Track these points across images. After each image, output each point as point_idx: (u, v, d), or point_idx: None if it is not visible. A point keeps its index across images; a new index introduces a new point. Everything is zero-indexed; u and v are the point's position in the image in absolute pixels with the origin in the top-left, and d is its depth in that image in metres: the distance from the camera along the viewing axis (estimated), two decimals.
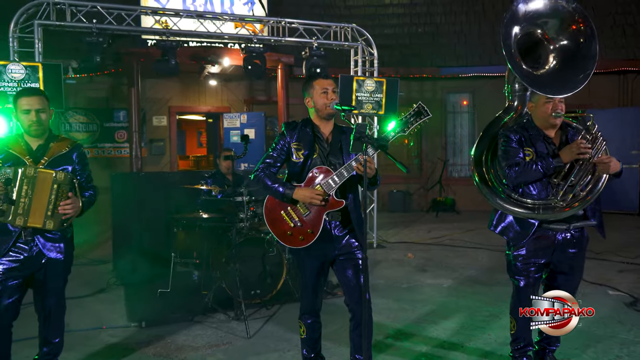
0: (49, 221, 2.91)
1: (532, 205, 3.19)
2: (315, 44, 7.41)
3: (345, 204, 2.98)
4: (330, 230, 3.04)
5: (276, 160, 3.08)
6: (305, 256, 3.10)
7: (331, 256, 3.08)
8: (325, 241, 3.02)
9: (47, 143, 3.02)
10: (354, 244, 3.09)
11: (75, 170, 3.11)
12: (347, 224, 3.07)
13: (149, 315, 4.66)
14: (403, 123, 2.98)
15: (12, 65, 5.90)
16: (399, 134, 2.99)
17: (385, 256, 7.25)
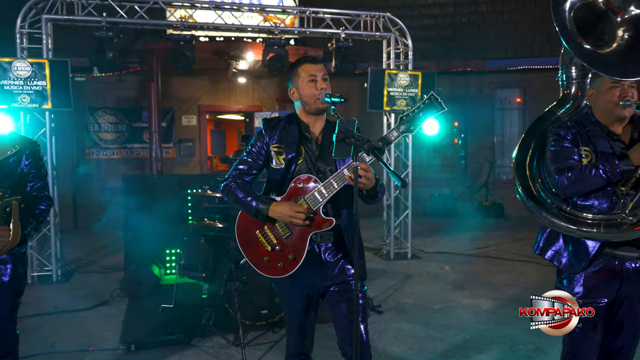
0: None
1: (591, 221, 2.44)
2: (343, 35, 6.78)
3: (336, 223, 2.34)
4: (320, 254, 2.42)
5: (251, 167, 2.48)
6: (289, 287, 2.49)
7: (321, 287, 2.46)
8: (314, 268, 2.41)
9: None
10: (350, 271, 2.46)
11: (25, 176, 2.63)
12: (341, 247, 2.44)
13: (142, 337, 4.18)
14: (410, 119, 2.31)
15: (18, 63, 5.60)
16: (404, 133, 2.33)
17: (419, 269, 6.52)
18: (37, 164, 2.69)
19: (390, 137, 2.32)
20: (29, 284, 5.88)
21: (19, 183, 2.60)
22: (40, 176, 2.71)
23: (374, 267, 6.63)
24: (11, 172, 2.57)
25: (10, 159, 2.54)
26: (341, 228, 2.41)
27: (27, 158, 2.63)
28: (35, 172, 2.67)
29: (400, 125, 2.32)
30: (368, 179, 2.22)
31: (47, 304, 5.16)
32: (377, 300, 5.14)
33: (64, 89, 5.73)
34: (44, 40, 5.83)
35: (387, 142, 2.31)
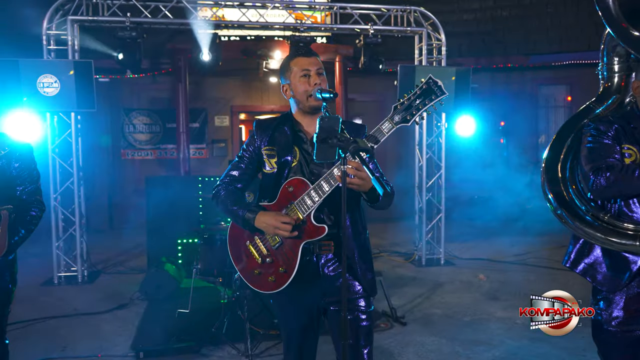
0: None
1: (633, 232, 2.11)
2: (372, 31, 6.49)
3: (330, 231, 2.09)
4: (319, 267, 2.18)
5: (243, 173, 2.27)
6: (286, 304, 2.27)
7: (321, 303, 2.22)
8: (312, 283, 2.17)
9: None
10: (356, 288, 2.20)
11: (14, 179, 2.51)
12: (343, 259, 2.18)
13: (154, 343, 4.06)
14: (405, 107, 2.03)
15: (44, 79, 5.59)
16: (398, 124, 2.05)
17: (451, 276, 6.16)
18: (29, 167, 2.58)
19: (382, 132, 2.04)
20: (55, 285, 5.92)
21: (8, 186, 2.51)
22: (31, 180, 2.60)
23: (403, 274, 6.32)
24: (1, 174, 2.46)
25: (1, 161, 2.44)
26: (340, 238, 2.16)
27: (17, 161, 2.53)
28: (25, 176, 2.57)
29: (394, 115, 2.04)
30: (362, 178, 1.97)
31: (67, 305, 5.14)
32: (403, 310, 4.84)
33: (88, 90, 5.72)
34: (69, 42, 5.84)
35: (377, 141, 2.03)
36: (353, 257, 2.18)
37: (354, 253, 2.18)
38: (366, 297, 2.22)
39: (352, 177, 1.94)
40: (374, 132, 2.04)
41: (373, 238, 2.30)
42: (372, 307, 2.25)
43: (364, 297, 2.21)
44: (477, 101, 8.06)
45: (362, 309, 2.19)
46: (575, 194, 2.45)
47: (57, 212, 6.04)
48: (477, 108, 7.20)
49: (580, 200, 2.37)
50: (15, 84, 5.57)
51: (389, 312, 4.66)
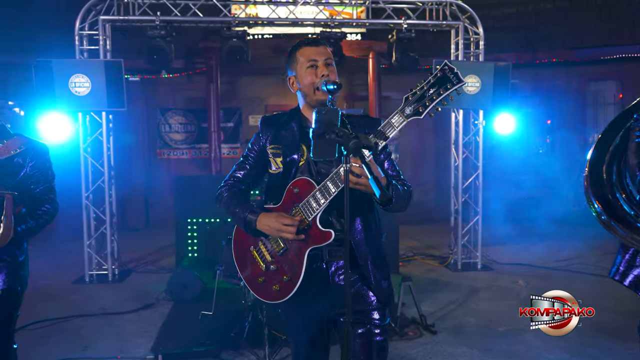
0: None
1: None
2: (405, 25, 6.25)
3: (337, 236, 1.91)
4: (328, 275, 2.01)
5: (248, 174, 2.13)
6: (294, 313, 2.10)
7: (331, 314, 2.04)
8: (321, 292, 2.00)
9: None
10: (369, 298, 2.01)
11: (28, 178, 2.45)
12: (355, 267, 2.00)
13: (174, 345, 3.99)
14: (417, 98, 1.83)
15: (76, 78, 5.64)
16: (410, 117, 1.85)
17: (488, 282, 5.85)
18: (43, 166, 2.52)
19: (392, 126, 1.84)
20: (86, 283, 5.97)
21: (21, 184, 2.44)
22: (45, 179, 2.53)
23: (437, 278, 6.06)
24: (14, 172, 2.42)
25: (14, 159, 2.41)
26: (352, 243, 1.98)
27: (32, 159, 2.48)
28: (39, 175, 2.50)
29: (405, 107, 1.85)
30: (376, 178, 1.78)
31: (94, 304, 5.15)
32: (434, 318, 4.60)
33: (119, 89, 5.73)
34: (100, 42, 5.88)
35: (385, 137, 1.84)
36: (366, 264, 2.00)
37: (367, 260, 2.00)
38: (381, 309, 2.03)
39: (359, 177, 1.76)
40: (383, 127, 1.85)
41: (407, 240, 2.12)
42: (387, 320, 2.06)
43: (378, 309, 2.02)
44: (519, 98, 7.69)
45: (375, 322, 2.01)
46: (623, 198, 2.18)
47: (89, 210, 6.09)
48: (519, 105, 6.85)
49: (629, 205, 2.11)
50: (49, 84, 5.64)
51: (418, 320, 4.43)
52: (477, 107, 6.28)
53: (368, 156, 1.81)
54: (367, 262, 2.00)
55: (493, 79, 6.13)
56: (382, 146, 1.88)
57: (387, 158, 2.09)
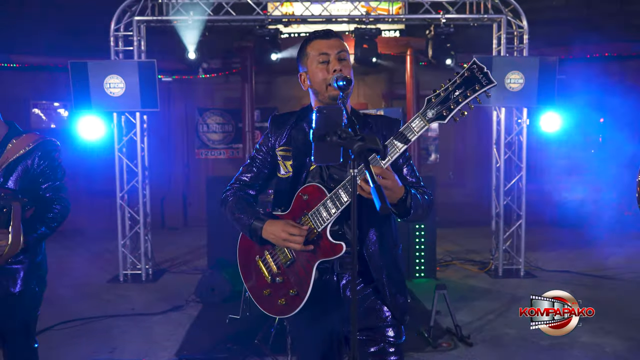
0: None
1: None
2: (444, 20, 5.98)
3: (348, 249, 1.75)
4: (340, 289, 1.84)
5: (255, 178, 1.99)
6: (303, 329, 1.95)
7: (343, 331, 1.88)
8: (333, 307, 1.84)
9: (3, 144, 2.36)
10: (384, 314, 1.85)
11: (38, 177, 2.38)
12: (369, 280, 1.84)
13: (197, 350, 3.92)
14: (442, 101, 1.64)
15: (111, 79, 5.69)
16: (432, 121, 1.66)
17: (531, 290, 5.43)
18: (52, 164, 2.44)
19: (413, 130, 1.66)
20: (120, 282, 6.01)
21: (31, 182, 2.38)
22: (55, 177, 2.45)
23: (476, 285, 5.77)
24: (24, 172, 2.36)
25: (24, 159, 2.35)
26: (365, 255, 1.80)
27: (41, 158, 2.40)
28: (49, 173, 2.42)
29: (428, 109, 1.66)
30: (387, 188, 1.60)
31: (126, 304, 5.17)
32: (470, 329, 4.35)
33: (152, 90, 5.73)
34: (134, 43, 5.90)
35: (407, 140, 1.65)
36: (380, 277, 1.82)
37: (382, 273, 1.83)
38: (396, 326, 1.85)
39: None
40: (404, 130, 1.67)
41: (447, 243, 1.95)
42: (402, 339, 1.88)
43: (393, 326, 1.84)
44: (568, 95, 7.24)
45: (390, 340, 1.83)
46: None
47: (124, 210, 6.14)
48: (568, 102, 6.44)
49: None
50: (85, 85, 5.70)
51: (453, 330, 4.19)
52: (520, 104, 5.94)
53: (387, 163, 1.64)
54: (381, 275, 1.82)
55: (538, 74, 5.78)
56: (401, 151, 1.70)
57: (406, 163, 1.90)
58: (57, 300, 5.14)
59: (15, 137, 2.40)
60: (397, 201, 1.68)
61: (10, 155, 2.34)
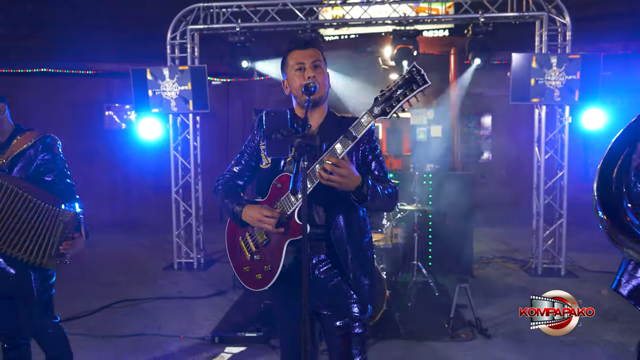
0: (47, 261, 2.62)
1: None
2: (482, 19, 6.02)
3: (321, 231, 2.00)
4: (310, 269, 2.10)
5: (244, 169, 2.27)
6: (281, 306, 2.23)
7: (313, 307, 2.13)
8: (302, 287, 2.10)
9: (9, 140, 2.75)
10: (350, 293, 2.08)
11: (40, 167, 2.74)
12: (335, 262, 2.08)
13: (230, 330, 4.30)
14: (386, 99, 1.84)
15: (166, 71, 6.25)
16: (377, 117, 1.86)
17: (568, 289, 5.37)
18: (53, 155, 2.78)
19: (362, 125, 1.86)
20: (174, 270, 6.56)
21: (35, 174, 2.73)
22: (55, 167, 2.78)
23: (512, 283, 5.78)
24: (27, 164, 2.72)
25: (27, 151, 2.71)
26: (332, 239, 2.05)
27: (43, 151, 2.76)
28: (51, 166, 2.77)
29: (374, 107, 1.86)
30: (343, 176, 1.84)
31: (175, 288, 5.67)
32: (494, 322, 4.44)
33: (202, 92, 6.23)
34: (188, 49, 6.42)
35: (353, 137, 1.86)
36: (346, 260, 2.06)
37: (347, 256, 2.06)
38: (361, 303, 2.08)
39: (331, 174, 1.83)
40: (353, 127, 1.88)
41: (493, 242, 2.15)
42: (367, 314, 2.11)
43: (357, 303, 2.07)
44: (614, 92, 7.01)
45: (354, 315, 2.07)
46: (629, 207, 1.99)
47: (178, 204, 6.69)
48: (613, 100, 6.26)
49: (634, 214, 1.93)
50: (144, 89, 6.29)
51: (474, 322, 4.31)
52: (562, 102, 5.87)
53: (342, 153, 1.88)
54: (347, 258, 2.05)
55: (580, 72, 5.70)
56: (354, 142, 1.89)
57: (375, 159, 2.12)
58: (117, 283, 5.76)
59: (19, 134, 2.78)
60: (355, 188, 1.91)
61: (15, 149, 2.72)
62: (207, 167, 6.89)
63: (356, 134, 1.86)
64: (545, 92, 5.80)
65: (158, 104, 6.31)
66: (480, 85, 9.03)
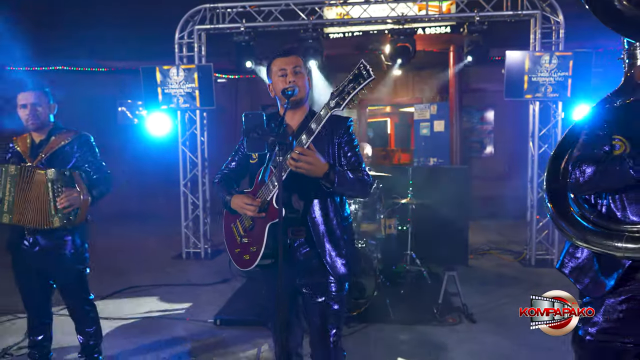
0: (55, 219, 2.89)
1: (616, 231, 1.89)
2: (477, 18, 6.22)
3: (298, 216, 2.26)
4: (293, 251, 2.38)
5: (238, 165, 2.54)
6: (267, 283, 2.50)
7: (297, 285, 2.41)
8: (288, 265, 2.37)
9: (48, 137, 3.03)
10: (327, 273, 2.35)
11: (79, 161, 3.04)
12: (312, 244, 2.35)
13: (231, 314, 4.60)
14: (339, 93, 2.09)
15: (175, 69, 6.56)
16: (332, 109, 2.10)
17: (557, 279, 5.52)
18: (90, 150, 3.10)
19: (320, 118, 2.09)
20: (182, 259, 6.89)
21: (75, 167, 3.03)
22: (94, 159, 3.10)
23: (505, 273, 6.01)
24: (67, 159, 3.02)
25: (65, 148, 3.02)
26: (309, 223, 2.32)
27: (80, 147, 3.07)
28: (90, 159, 3.08)
29: (330, 100, 2.10)
30: (309, 163, 2.10)
31: (183, 276, 6.00)
32: (482, 309, 4.68)
33: (209, 90, 6.52)
34: (195, 49, 6.71)
35: (311, 131, 2.11)
36: (322, 242, 2.31)
37: (323, 239, 2.32)
38: (338, 281, 2.34)
39: (298, 162, 2.09)
40: (314, 119, 2.11)
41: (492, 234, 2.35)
42: (344, 292, 2.37)
43: (335, 282, 2.34)
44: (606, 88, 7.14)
45: (332, 292, 2.33)
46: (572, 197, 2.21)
47: (186, 196, 7.00)
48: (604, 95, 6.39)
49: (576, 204, 2.16)
50: (154, 87, 6.60)
51: (462, 308, 4.56)
52: (555, 98, 6.06)
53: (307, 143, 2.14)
54: (323, 240, 2.31)
55: (572, 68, 5.88)
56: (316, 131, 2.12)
57: (351, 149, 2.38)
58: (128, 271, 6.09)
59: (57, 132, 3.07)
60: (323, 174, 2.15)
61: (54, 145, 3.02)
62: (214, 162, 7.18)
63: (317, 125, 2.11)
64: (539, 88, 5.99)
65: (167, 101, 6.62)
66: (483, 80, 9.23)
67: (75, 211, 2.93)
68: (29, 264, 3.02)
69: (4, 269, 3.21)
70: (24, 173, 2.89)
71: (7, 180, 2.89)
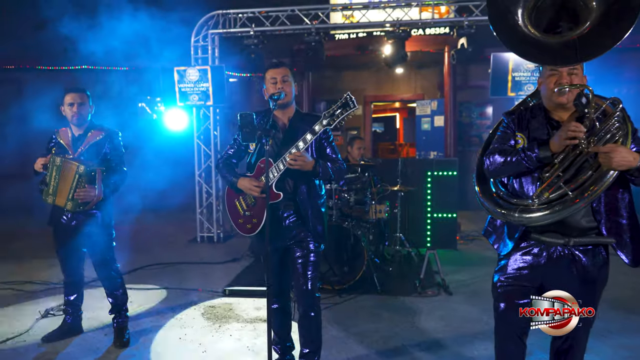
0: (69, 203, 3.53)
1: (514, 204, 2.47)
2: (466, 22, 6.77)
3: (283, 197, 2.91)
4: (283, 220, 3.02)
5: (236, 152, 3.18)
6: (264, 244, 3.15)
7: (285, 245, 3.06)
8: (280, 231, 3.02)
9: (85, 132, 3.67)
10: (308, 234, 3.01)
11: (107, 155, 3.66)
12: (299, 215, 3.00)
13: (239, 285, 5.26)
14: (330, 115, 2.75)
15: (190, 70, 7.24)
16: (324, 127, 2.78)
17: None
18: (117, 147, 3.73)
19: (314, 131, 2.77)
20: (197, 242, 7.58)
21: (103, 160, 3.68)
22: (118, 155, 3.73)
23: (489, 255, 6.56)
24: (98, 152, 3.67)
25: (99, 142, 3.67)
26: (297, 201, 2.96)
27: (111, 142, 3.71)
28: (115, 154, 3.71)
29: (323, 119, 2.77)
30: (303, 161, 2.76)
31: (197, 256, 6.69)
32: (460, 285, 5.26)
33: (221, 89, 7.19)
34: (209, 51, 7.38)
35: (305, 141, 2.79)
36: (306, 214, 2.97)
37: (308, 211, 2.97)
38: (316, 240, 2.99)
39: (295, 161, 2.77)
40: (310, 131, 2.78)
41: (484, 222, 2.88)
42: (321, 248, 3.03)
43: (313, 240, 2.99)
44: None
45: (311, 248, 2.98)
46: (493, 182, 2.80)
47: (201, 185, 7.69)
48: None
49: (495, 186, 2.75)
50: (171, 85, 7.29)
51: (441, 283, 5.16)
52: None
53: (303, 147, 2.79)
54: (307, 212, 2.96)
55: None
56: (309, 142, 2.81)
57: (329, 145, 3.02)
58: (148, 252, 6.79)
59: (93, 128, 3.71)
60: (312, 169, 2.83)
61: (91, 139, 3.68)
62: None
63: (312, 136, 2.78)
64: (521, 86, 6.53)
65: (183, 99, 7.30)
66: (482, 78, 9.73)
67: (86, 202, 3.58)
68: (66, 235, 3.70)
69: (47, 251, 3.90)
70: (64, 164, 3.55)
71: (53, 169, 3.55)
